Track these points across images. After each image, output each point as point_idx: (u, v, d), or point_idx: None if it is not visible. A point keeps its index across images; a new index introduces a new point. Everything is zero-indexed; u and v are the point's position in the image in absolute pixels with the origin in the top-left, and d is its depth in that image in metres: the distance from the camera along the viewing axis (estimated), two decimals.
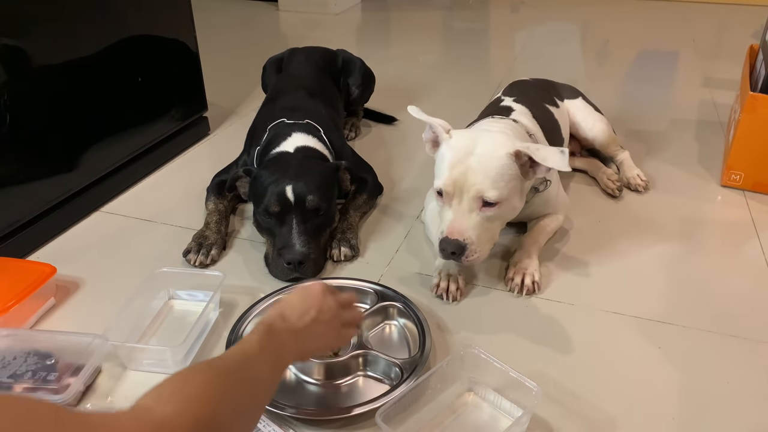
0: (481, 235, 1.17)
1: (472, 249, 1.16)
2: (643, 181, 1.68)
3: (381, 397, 0.99)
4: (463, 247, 1.15)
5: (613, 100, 2.31)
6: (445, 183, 1.17)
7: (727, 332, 1.19)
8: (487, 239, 1.19)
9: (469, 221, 1.16)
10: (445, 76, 2.63)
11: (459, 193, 1.17)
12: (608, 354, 1.14)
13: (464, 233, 1.15)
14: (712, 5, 3.75)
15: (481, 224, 1.17)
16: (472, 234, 1.16)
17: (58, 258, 1.39)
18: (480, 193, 1.15)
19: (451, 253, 1.16)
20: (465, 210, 1.17)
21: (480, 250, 1.17)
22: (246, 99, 2.32)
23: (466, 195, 1.16)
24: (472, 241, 1.16)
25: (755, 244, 1.46)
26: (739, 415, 1.01)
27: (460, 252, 1.15)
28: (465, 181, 1.16)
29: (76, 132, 1.54)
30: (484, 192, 1.15)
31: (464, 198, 1.16)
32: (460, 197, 1.17)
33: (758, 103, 1.58)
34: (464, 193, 1.16)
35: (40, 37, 1.39)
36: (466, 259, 1.16)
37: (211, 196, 1.55)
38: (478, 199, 1.16)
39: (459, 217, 1.17)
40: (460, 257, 1.16)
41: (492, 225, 1.20)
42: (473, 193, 1.15)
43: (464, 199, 1.16)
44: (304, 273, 1.30)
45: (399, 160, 1.89)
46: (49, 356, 1.07)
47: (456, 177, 1.16)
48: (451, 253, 1.16)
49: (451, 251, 1.16)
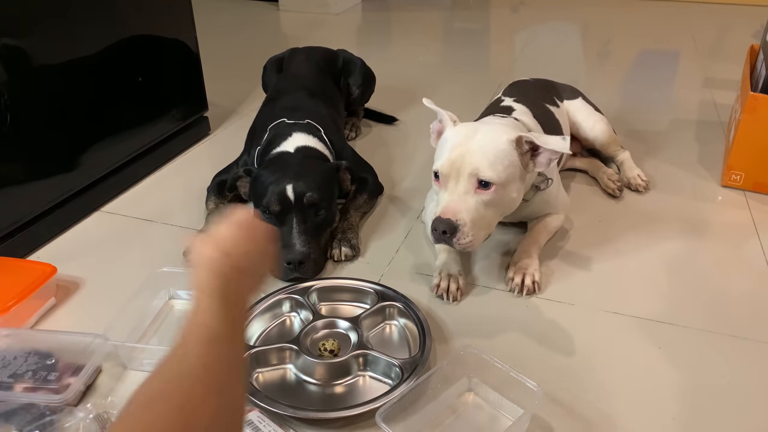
0: (475, 219, 1.16)
1: (465, 231, 1.15)
2: (643, 181, 1.68)
3: (381, 397, 0.99)
4: (455, 227, 1.14)
5: (614, 100, 2.31)
6: (443, 164, 1.18)
7: (727, 332, 1.19)
8: (481, 226, 1.18)
9: (464, 203, 1.16)
10: (446, 77, 2.63)
11: (456, 175, 1.17)
12: (608, 354, 1.14)
13: (457, 214, 1.15)
14: (713, 5, 3.75)
15: (477, 208, 1.16)
16: (465, 216, 1.15)
17: (58, 258, 1.39)
18: (475, 171, 1.15)
19: (443, 233, 1.15)
20: (461, 192, 1.17)
21: (473, 235, 1.16)
22: (246, 99, 2.32)
23: (462, 176, 1.16)
24: (465, 223, 1.15)
25: (755, 245, 1.46)
26: (740, 416, 1.01)
27: (452, 232, 1.14)
28: (462, 162, 1.16)
29: (77, 132, 1.54)
30: (480, 171, 1.15)
31: (460, 180, 1.17)
32: (457, 179, 1.17)
33: (759, 104, 1.58)
34: (461, 175, 1.16)
35: (41, 37, 1.39)
36: (457, 241, 1.15)
37: (212, 196, 1.56)
38: (472, 177, 1.15)
39: (454, 199, 1.17)
40: (451, 238, 1.15)
41: (487, 212, 1.19)
42: (469, 172, 1.15)
43: (460, 181, 1.17)
44: (304, 273, 1.30)
45: (399, 160, 1.89)
46: (50, 356, 1.07)
47: (454, 158, 1.17)
48: (443, 232, 1.15)
49: (443, 230, 1.14)
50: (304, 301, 1.22)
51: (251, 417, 0.95)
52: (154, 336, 1.20)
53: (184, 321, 0.65)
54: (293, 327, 1.21)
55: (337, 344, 1.11)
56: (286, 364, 1.11)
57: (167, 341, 1.16)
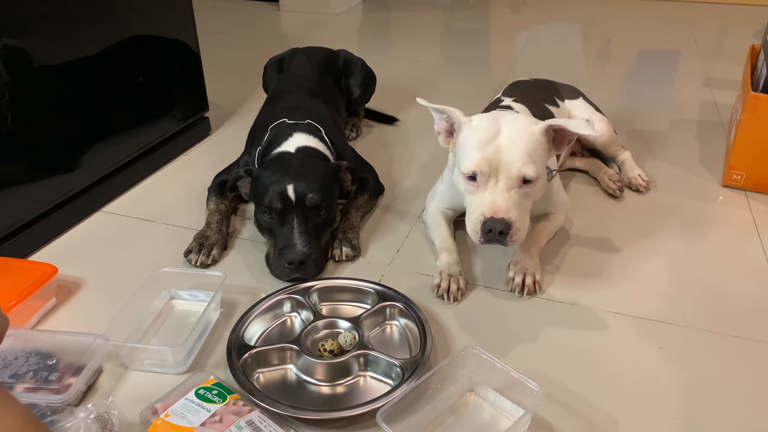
0: (521, 214, 1.16)
1: (516, 227, 1.14)
2: (644, 181, 1.68)
3: (382, 398, 0.99)
4: (509, 225, 1.13)
5: (615, 100, 2.31)
6: (479, 164, 1.16)
7: (728, 332, 1.19)
8: (524, 219, 1.18)
9: (510, 200, 1.15)
10: (446, 77, 2.63)
11: (495, 173, 1.16)
12: (609, 354, 1.14)
13: (508, 212, 1.14)
14: (714, 5, 3.75)
15: (520, 203, 1.16)
16: (514, 213, 1.14)
17: (59, 258, 1.39)
18: (520, 171, 1.14)
19: (499, 233, 1.14)
20: (503, 189, 1.15)
21: (521, 229, 1.16)
22: (247, 99, 2.32)
23: (502, 174, 1.15)
24: (515, 219, 1.14)
25: (756, 245, 1.46)
26: (741, 416, 1.01)
27: (507, 230, 1.13)
28: (500, 160, 1.15)
29: (78, 132, 1.54)
30: (525, 170, 1.14)
31: (500, 177, 1.15)
32: (496, 177, 1.16)
33: (759, 104, 1.58)
34: (500, 173, 1.15)
35: (42, 38, 1.39)
36: (510, 239, 1.14)
37: (213, 196, 1.56)
38: (518, 178, 1.15)
39: (499, 197, 1.15)
40: (505, 237, 1.14)
41: (528, 204, 1.19)
42: (514, 172, 1.14)
43: (500, 178, 1.15)
44: (305, 273, 1.30)
45: (400, 160, 1.89)
46: (51, 356, 1.07)
47: (490, 157, 1.15)
48: (499, 233, 1.14)
49: (500, 230, 1.13)
50: (305, 301, 1.22)
51: (252, 417, 0.95)
52: (154, 336, 1.20)
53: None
54: (294, 327, 1.21)
55: (337, 344, 1.11)
56: (287, 364, 1.11)
57: (168, 341, 1.17)
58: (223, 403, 0.97)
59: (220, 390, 1.00)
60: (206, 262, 1.37)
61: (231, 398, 0.98)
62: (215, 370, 1.09)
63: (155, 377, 1.09)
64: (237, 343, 1.11)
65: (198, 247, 1.39)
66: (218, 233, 1.44)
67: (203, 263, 1.37)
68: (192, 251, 1.39)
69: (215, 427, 0.93)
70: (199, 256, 1.37)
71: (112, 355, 1.11)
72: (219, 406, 0.96)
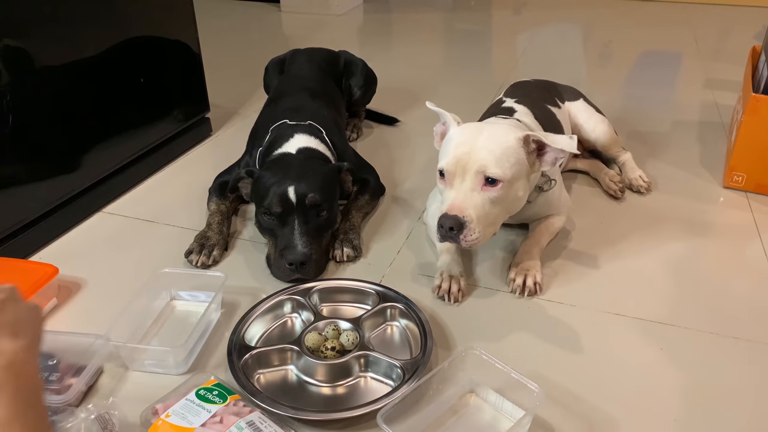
0: (481, 216, 1.16)
1: (472, 227, 1.14)
2: (645, 182, 1.68)
3: (382, 398, 0.99)
4: (462, 224, 1.13)
5: (615, 101, 2.31)
6: (448, 161, 1.17)
7: (729, 334, 1.19)
8: (487, 223, 1.17)
9: (471, 200, 1.16)
10: (448, 78, 2.63)
11: (462, 172, 1.16)
12: (610, 355, 1.14)
13: (464, 210, 1.14)
14: (715, 6, 3.75)
15: (483, 205, 1.16)
16: (472, 212, 1.14)
17: (60, 258, 1.39)
18: (482, 168, 1.14)
19: (449, 229, 1.14)
20: (467, 189, 1.16)
21: (479, 232, 1.15)
22: (248, 100, 2.32)
23: (468, 174, 1.16)
24: (472, 219, 1.14)
25: (758, 246, 1.46)
26: (741, 417, 1.01)
27: (459, 229, 1.13)
28: (468, 160, 1.16)
29: (79, 133, 1.54)
30: (487, 168, 1.14)
31: (467, 177, 1.16)
32: (463, 176, 1.17)
33: (760, 105, 1.58)
34: (467, 172, 1.16)
35: (43, 39, 1.40)
36: (464, 239, 1.14)
37: (213, 197, 1.56)
38: (479, 174, 1.15)
39: (460, 196, 1.16)
40: (458, 235, 1.14)
41: (494, 210, 1.18)
42: (476, 169, 1.15)
43: (466, 178, 1.16)
44: (305, 274, 1.30)
45: (401, 161, 1.89)
46: (51, 357, 1.07)
47: (460, 156, 1.16)
48: (449, 229, 1.14)
49: (449, 226, 1.14)
50: (306, 302, 1.22)
51: (252, 418, 0.95)
52: (155, 337, 1.20)
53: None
54: (294, 328, 1.21)
55: (339, 342, 1.11)
56: (288, 365, 1.11)
57: (168, 342, 1.17)
58: (223, 403, 0.97)
59: (220, 391, 1.00)
60: (207, 263, 1.37)
61: (231, 399, 0.98)
62: (216, 371, 1.10)
63: (156, 378, 1.09)
64: (238, 343, 1.11)
65: (199, 247, 1.39)
66: (219, 234, 1.44)
67: (204, 264, 1.37)
68: (193, 252, 1.39)
69: (216, 427, 0.93)
70: (199, 257, 1.37)
71: (113, 356, 1.11)
72: (219, 406, 0.96)
